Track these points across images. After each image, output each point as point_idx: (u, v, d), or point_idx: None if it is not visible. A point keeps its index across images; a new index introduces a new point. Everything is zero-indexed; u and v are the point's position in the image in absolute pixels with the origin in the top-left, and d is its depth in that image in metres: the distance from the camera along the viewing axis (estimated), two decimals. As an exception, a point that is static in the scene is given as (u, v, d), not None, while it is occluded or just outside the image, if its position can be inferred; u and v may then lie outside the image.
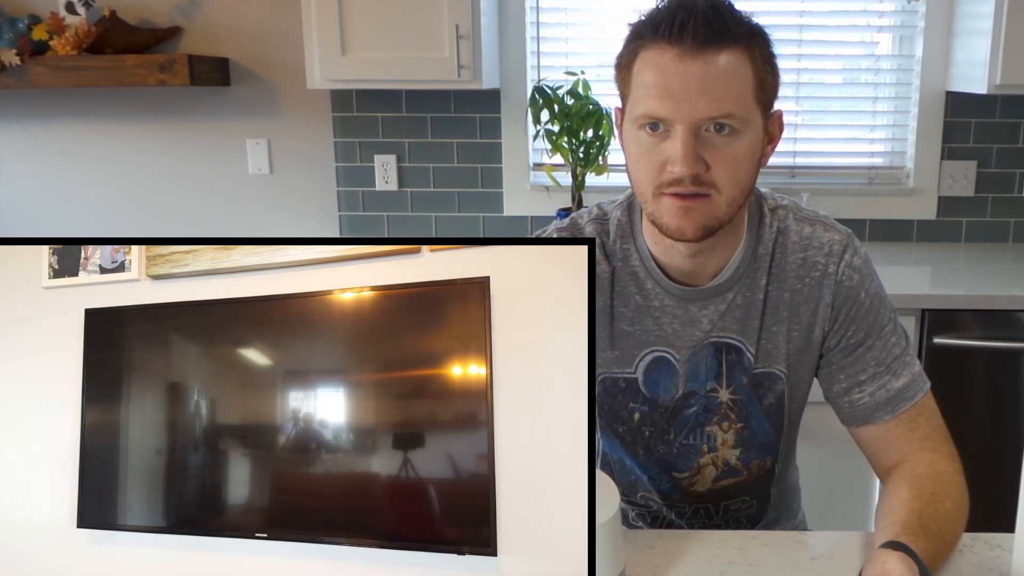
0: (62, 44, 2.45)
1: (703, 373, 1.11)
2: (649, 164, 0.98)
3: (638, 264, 1.11)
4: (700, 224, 0.98)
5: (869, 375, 1.08)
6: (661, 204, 0.99)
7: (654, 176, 0.97)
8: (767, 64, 0.97)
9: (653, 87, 0.94)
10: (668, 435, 1.15)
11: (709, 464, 1.16)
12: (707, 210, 0.98)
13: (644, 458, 1.17)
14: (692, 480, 1.17)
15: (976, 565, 0.99)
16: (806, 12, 2.60)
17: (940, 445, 1.07)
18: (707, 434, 1.14)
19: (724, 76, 0.93)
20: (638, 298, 1.11)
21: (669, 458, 1.16)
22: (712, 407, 1.13)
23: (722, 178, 0.96)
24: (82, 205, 2.80)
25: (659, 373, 1.12)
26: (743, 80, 0.95)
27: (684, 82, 0.92)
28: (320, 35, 2.33)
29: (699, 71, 0.92)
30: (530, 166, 2.70)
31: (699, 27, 0.91)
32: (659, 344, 1.11)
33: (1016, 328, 2.10)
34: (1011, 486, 0.99)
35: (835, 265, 1.08)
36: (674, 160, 0.95)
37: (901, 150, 2.66)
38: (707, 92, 0.92)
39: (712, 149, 0.95)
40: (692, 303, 1.10)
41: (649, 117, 0.95)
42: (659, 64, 0.94)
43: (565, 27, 2.66)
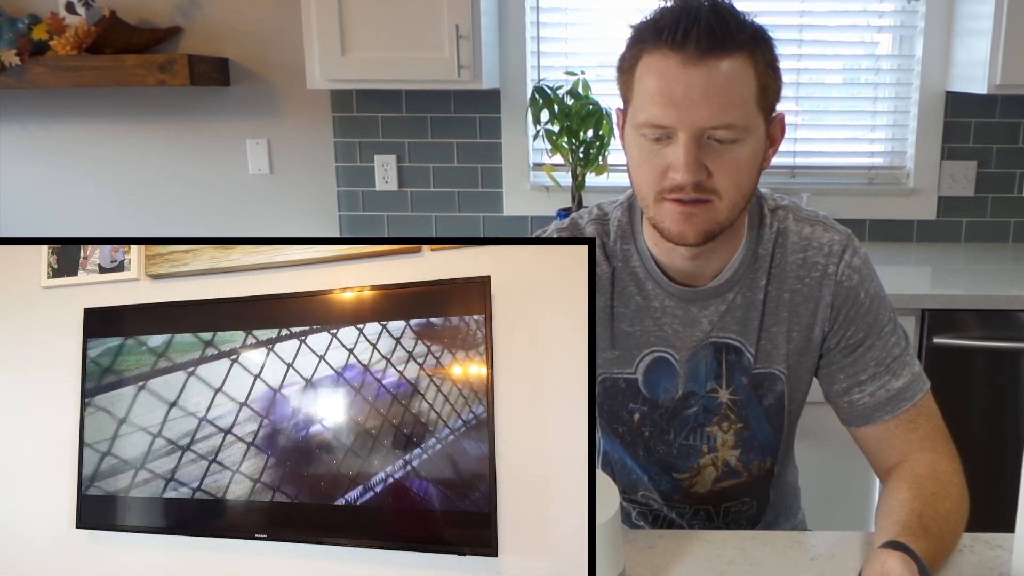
0: (62, 44, 2.45)
1: (703, 373, 1.11)
2: (651, 169, 0.98)
3: (638, 265, 1.11)
4: (701, 229, 0.99)
5: (869, 375, 1.08)
6: (663, 209, 0.99)
7: (656, 181, 0.98)
8: (770, 69, 0.97)
9: (656, 94, 0.94)
10: (668, 435, 1.15)
11: (709, 465, 1.16)
12: (708, 216, 0.98)
13: (644, 458, 1.17)
14: (692, 481, 1.17)
15: (976, 565, 0.99)
16: (806, 12, 2.60)
17: (940, 445, 1.07)
18: (707, 435, 1.14)
19: (727, 84, 0.93)
20: (638, 299, 1.11)
21: (669, 458, 1.16)
22: (712, 407, 1.13)
23: (724, 184, 0.96)
24: (82, 205, 2.80)
25: (659, 374, 1.12)
26: (746, 87, 0.94)
27: (687, 90, 0.92)
28: (320, 35, 2.33)
29: (702, 79, 0.92)
30: (530, 166, 2.70)
31: (703, 34, 0.91)
32: (659, 344, 1.11)
33: (1016, 328, 2.10)
34: (1011, 486, 0.99)
35: (835, 265, 1.08)
36: (676, 167, 0.95)
37: (901, 150, 2.66)
38: (710, 100, 0.92)
39: (714, 156, 0.95)
40: (692, 304, 1.10)
41: (651, 124, 0.95)
42: (662, 71, 0.93)
43: (565, 27, 2.66)
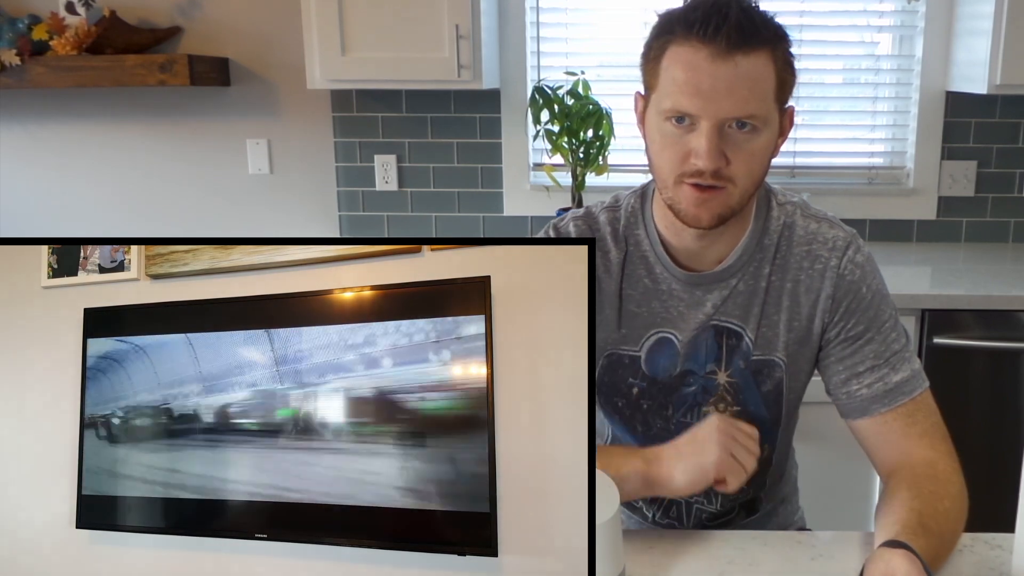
0: (62, 44, 2.45)
1: (703, 355, 1.14)
2: (673, 154, 1.02)
3: (648, 249, 1.15)
4: (715, 213, 1.03)
5: (867, 367, 1.10)
6: (681, 191, 1.03)
7: (676, 165, 1.02)
8: (787, 65, 1.03)
9: (684, 84, 0.99)
10: (666, 411, 1.17)
11: None
12: (722, 200, 1.03)
13: (643, 434, 1.19)
14: None
15: (976, 565, 0.99)
16: (806, 12, 2.60)
17: (939, 443, 1.08)
18: (703, 414, 1.16)
19: (750, 78, 0.98)
20: (647, 281, 1.15)
21: (667, 435, 1.17)
22: (710, 388, 1.15)
23: (739, 172, 1.02)
24: (82, 205, 2.79)
25: (660, 352, 1.15)
26: (766, 82, 1.00)
27: (714, 82, 0.97)
28: (320, 35, 2.33)
29: (728, 72, 0.97)
30: (530, 166, 2.70)
31: (732, 31, 0.96)
32: (664, 325, 1.15)
33: (1016, 328, 2.10)
34: (1011, 486, 0.99)
35: (838, 259, 1.11)
36: (698, 154, 0.99)
37: (901, 150, 2.66)
38: (734, 93, 0.97)
39: (733, 145, 1.00)
40: (697, 287, 1.13)
41: (677, 111, 1.00)
42: (691, 62, 0.98)
43: (565, 27, 2.66)
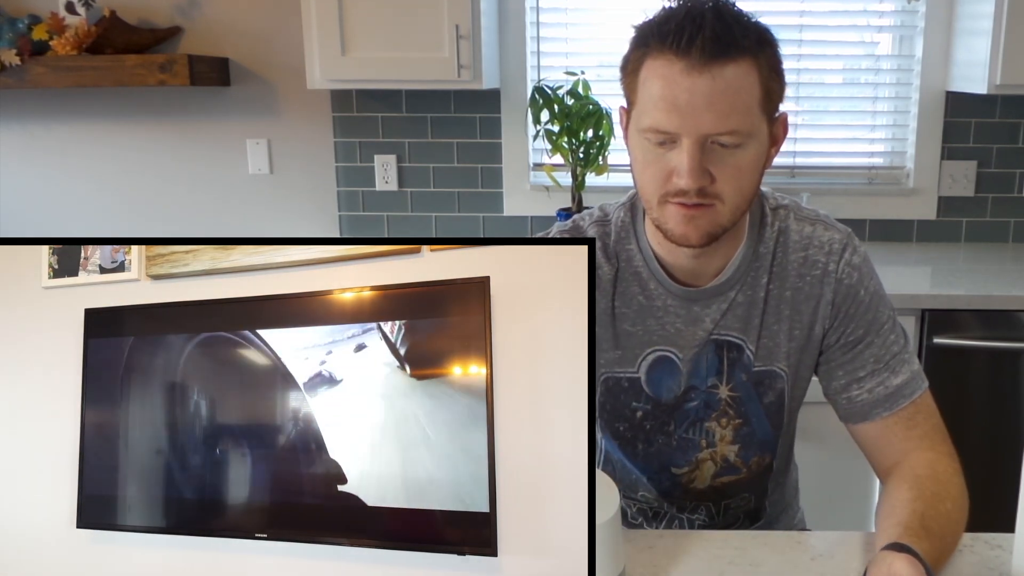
0: (62, 44, 2.45)
1: (704, 370, 1.12)
2: (655, 173, 0.98)
3: (641, 264, 1.11)
4: (704, 231, 0.99)
5: (868, 371, 1.09)
6: (666, 211, 1.00)
7: (659, 184, 0.98)
8: (774, 73, 0.97)
9: (660, 100, 0.94)
10: (668, 427, 1.16)
11: (708, 459, 1.16)
12: (711, 218, 0.99)
13: (643, 452, 1.18)
14: (691, 476, 1.18)
15: (976, 565, 0.99)
16: (806, 12, 2.60)
17: (939, 444, 1.07)
18: (706, 429, 1.15)
19: (730, 90, 0.93)
20: (641, 298, 1.11)
21: (668, 451, 1.17)
22: (711, 403, 1.13)
23: (726, 189, 0.97)
24: (82, 205, 2.79)
25: (662, 372, 1.12)
26: (749, 93, 0.94)
27: (691, 97, 0.92)
28: (320, 35, 2.33)
29: (706, 86, 0.92)
30: (530, 166, 2.70)
31: (707, 41, 0.91)
32: (662, 344, 1.12)
33: (1016, 328, 2.10)
34: (1011, 486, 0.98)
35: (835, 263, 1.08)
36: (680, 173, 0.95)
37: (901, 150, 2.66)
38: (714, 107, 0.92)
39: (717, 161, 0.95)
40: (695, 303, 1.10)
41: (655, 129, 0.95)
42: (666, 76, 0.93)
43: (565, 27, 2.66)
